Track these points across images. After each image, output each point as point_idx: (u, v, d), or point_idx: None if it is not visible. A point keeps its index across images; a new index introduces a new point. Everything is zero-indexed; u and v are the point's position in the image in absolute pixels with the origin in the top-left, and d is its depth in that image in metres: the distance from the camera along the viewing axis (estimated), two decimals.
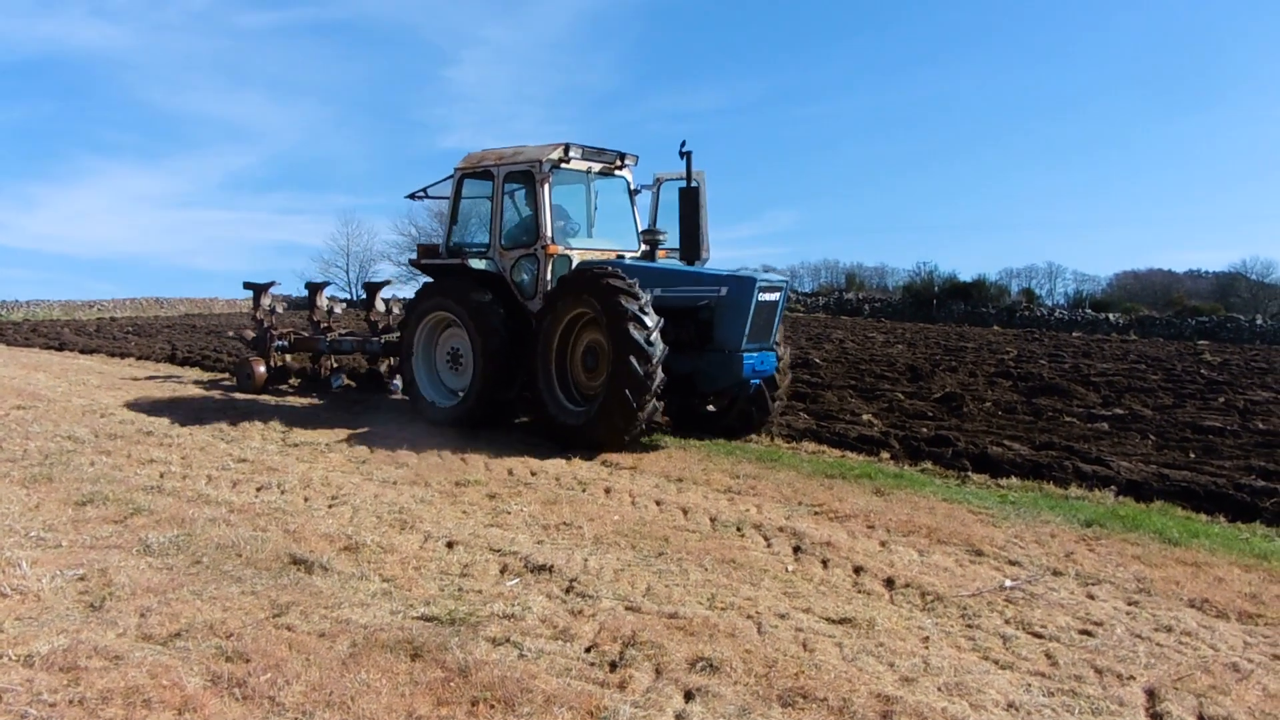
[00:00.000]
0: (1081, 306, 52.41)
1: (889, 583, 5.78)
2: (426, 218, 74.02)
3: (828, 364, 19.66)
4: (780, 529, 6.86)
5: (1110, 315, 45.34)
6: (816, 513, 7.43)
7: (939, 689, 4.16)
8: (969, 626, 5.06)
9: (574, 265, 10.82)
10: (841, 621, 5.01)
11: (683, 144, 10.75)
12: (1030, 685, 4.28)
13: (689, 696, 3.98)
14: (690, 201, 10.87)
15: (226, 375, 17.63)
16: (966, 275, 58.10)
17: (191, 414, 12.10)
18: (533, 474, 8.72)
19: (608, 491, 8.06)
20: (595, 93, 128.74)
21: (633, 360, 9.25)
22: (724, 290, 10.00)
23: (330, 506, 7.23)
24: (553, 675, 4.14)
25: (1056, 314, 46.55)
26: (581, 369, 10.32)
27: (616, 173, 11.84)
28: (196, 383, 16.56)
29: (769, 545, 6.54)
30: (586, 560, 5.94)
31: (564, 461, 9.45)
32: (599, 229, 12.07)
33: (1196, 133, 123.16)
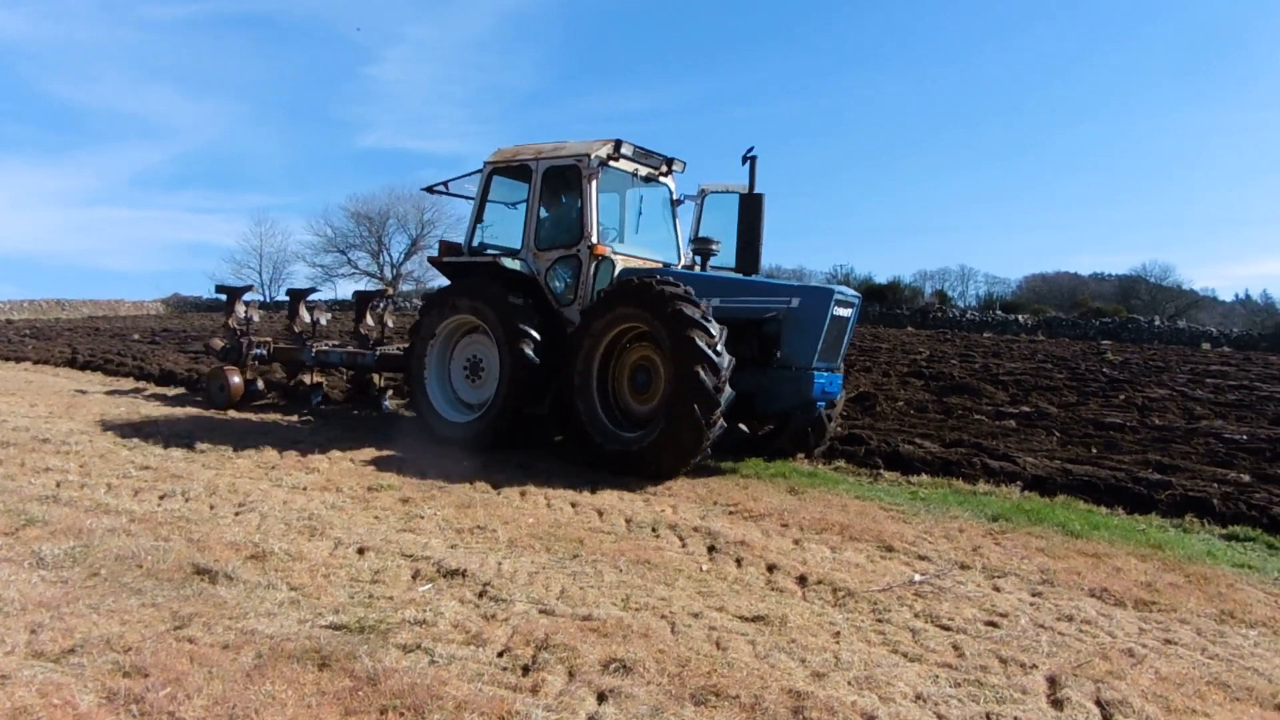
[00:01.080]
0: (992, 308, 53.79)
1: (802, 580, 5.84)
2: (343, 218, 72.86)
3: None
4: (695, 529, 6.89)
5: (1019, 316, 46.62)
6: (731, 512, 7.49)
7: (849, 683, 4.21)
8: (879, 621, 5.15)
9: (617, 272, 10.00)
10: (755, 619, 5.05)
11: (749, 150, 9.78)
12: (938, 676, 4.37)
13: (602, 698, 3.96)
14: (753, 209, 9.86)
15: (132, 380, 16.89)
16: (882, 278, 59.23)
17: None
18: (446, 478, 8.62)
19: (523, 494, 8.01)
20: (518, 93, 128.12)
21: (700, 371, 8.23)
22: (795, 302, 9.13)
23: (237, 514, 7.03)
24: (464, 681, 4.08)
25: (968, 315, 47.68)
26: (629, 389, 9.30)
27: (661, 178, 11.05)
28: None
29: (684, 545, 6.56)
30: (500, 564, 5.88)
31: (479, 465, 9.35)
32: (636, 237, 11.06)
33: (1102, 141, 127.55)
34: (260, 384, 14.13)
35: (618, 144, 10.04)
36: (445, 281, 10.88)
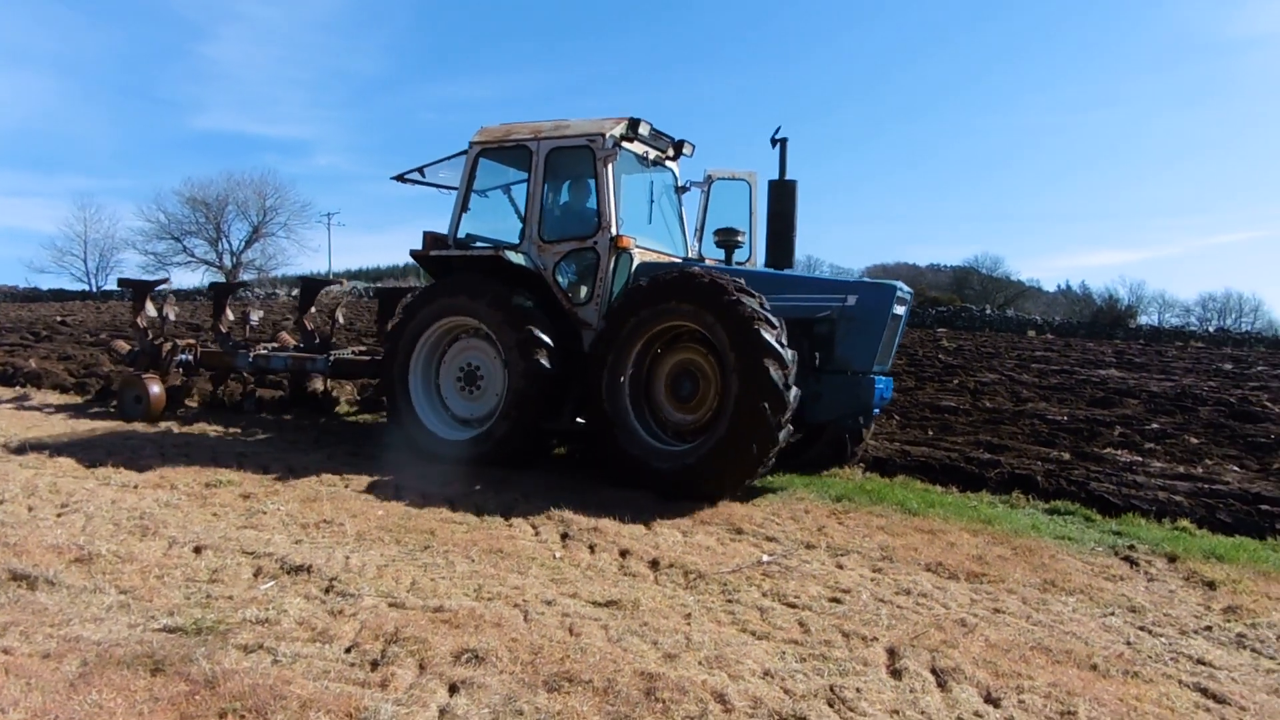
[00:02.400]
0: None
1: (654, 564, 5.91)
2: (177, 204, 69.24)
3: None
4: (548, 517, 6.88)
5: None
6: (583, 501, 7.50)
7: (700, 663, 4.29)
8: (729, 601, 5.26)
9: (634, 267, 8.95)
10: (608, 604, 5.07)
11: (776, 130, 8.97)
12: (785, 653, 4.49)
13: (453, 690, 3.90)
14: (785, 197, 9.00)
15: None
16: None
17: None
18: (291, 470, 8.32)
19: (371, 487, 7.81)
20: (364, 78, 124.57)
21: (769, 366, 7.22)
22: (852, 299, 8.16)
23: (59, 515, 6.59)
24: (309, 679, 3.95)
25: None
26: (670, 398, 8.16)
27: (667, 162, 9.97)
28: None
29: (537, 534, 6.54)
30: (348, 558, 5.72)
31: (324, 457, 9.08)
32: (648, 229, 9.76)
33: (938, 136, 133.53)
34: (193, 393, 12.70)
35: (634, 123, 8.91)
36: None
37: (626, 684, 3.96)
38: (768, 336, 7.30)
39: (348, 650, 4.31)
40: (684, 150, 9.79)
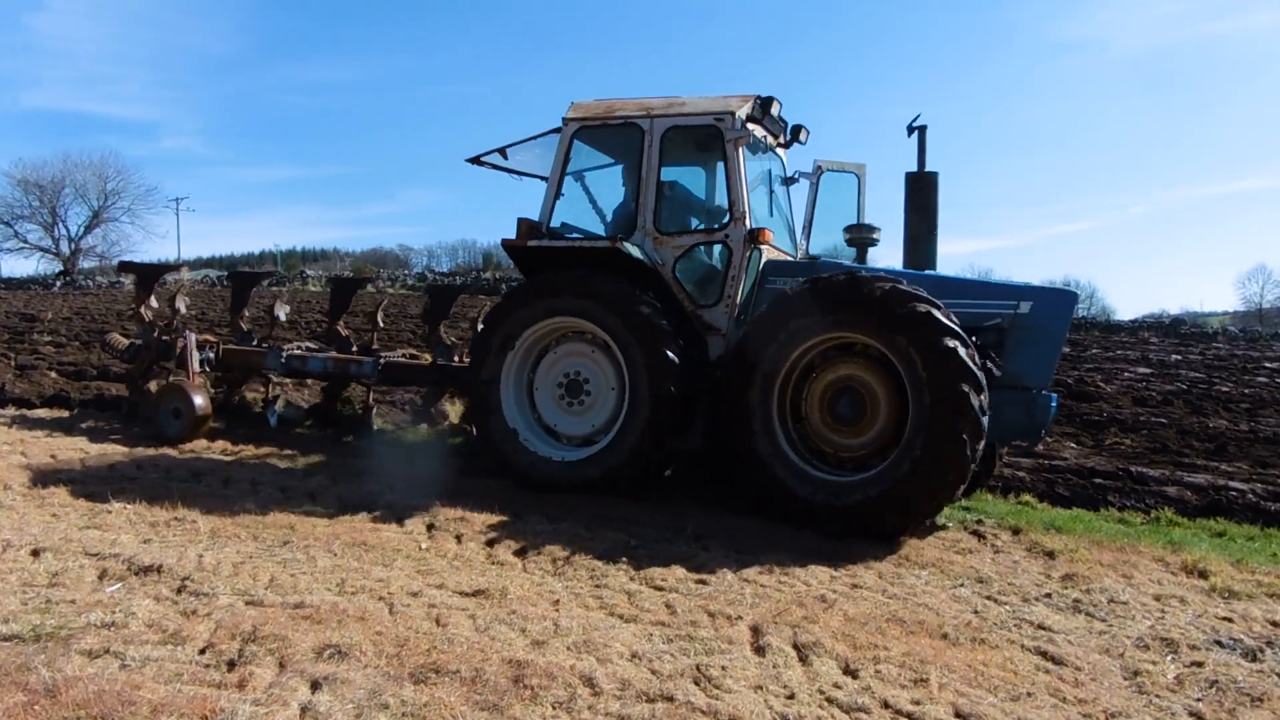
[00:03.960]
0: None
1: (522, 552, 5.90)
2: (7, 186, 64.75)
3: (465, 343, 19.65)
4: (414, 508, 6.77)
5: None
6: (453, 495, 7.40)
7: (569, 648, 4.30)
8: (597, 586, 5.30)
9: (761, 265, 7.90)
10: (475, 594, 5.03)
11: (915, 118, 7.98)
12: (652, 635, 4.56)
13: (315, 686, 3.80)
14: (926, 191, 8.07)
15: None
16: None
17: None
18: (139, 466, 7.93)
19: (226, 481, 7.53)
20: (216, 56, 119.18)
21: (970, 394, 6.32)
22: (1025, 306, 7.20)
23: None
24: (160, 683, 3.78)
25: None
26: (827, 419, 7.04)
27: (776, 150, 8.81)
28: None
29: (402, 525, 6.44)
30: (202, 556, 5.49)
31: (174, 452, 8.70)
32: (769, 222, 8.59)
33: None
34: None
35: (766, 102, 7.87)
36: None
37: (495, 672, 3.94)
38: (966, 358, 6.39)
39: (202, 651, 4.14)
40: (800, 137, 8.68)
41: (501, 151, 8.76)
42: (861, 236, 8.57)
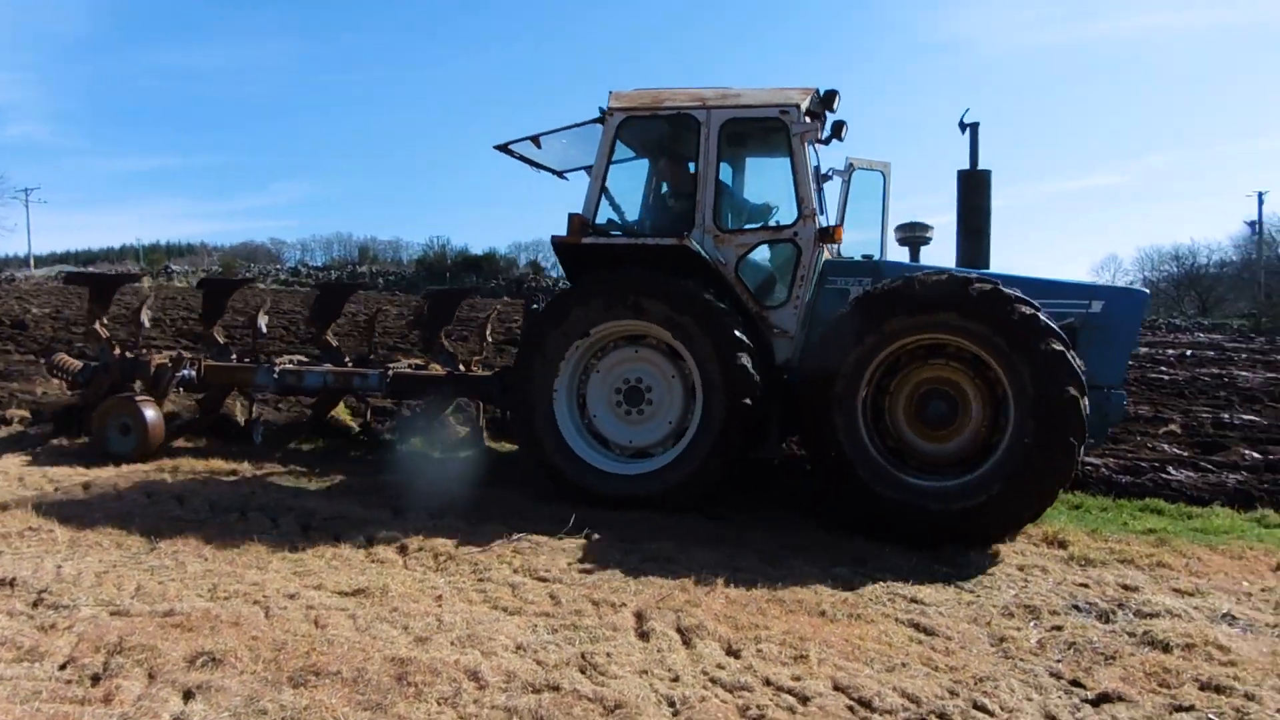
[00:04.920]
0: None
1: (402, 549, 5.81)
2: None
3: (342, 335, 19.16)
4: (288, 508, 6.59)
5: None
6: (328, 488, 7.24)
7: (453, 643, 4.26)
8: (481, 580, 5.27)
9: (821, 264, 7.56)
10: (355, 593, 4.94)
11: (965, 112, 7.78)
12: (537, 626, 4.55)
13: (189, 696, 3.67)
14: (978, 189, 7.86)
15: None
16: (478, 249, 60.24)
17: None
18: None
19: (86, 487, 7.18)
20: (64, 38, 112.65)
21: (1075, 395, 6.11)
22: (1097, 306, 7.06)
23: None
24: (16, 703, 3.58)
25: (560, 284, 49.63)
26: (913, 423, 6.77)
27: (817, 145, 8.04)
28: None
29: (276, 526, 6.26)
30: (60, 567, 5.22)
31: (25, 457, 8.25)
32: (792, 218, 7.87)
33: None
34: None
35: (830, 96, 7.55)
36: None
37: (377, 671, 3.88)
38: (1072, 361, 6.18)
39: (63, 667, 3.95)
40: (840, 134, 8.01)
41: (534, 140, 8.08)
42: (915, 235, 8.33)
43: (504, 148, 8.11)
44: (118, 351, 9.05)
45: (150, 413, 8.46)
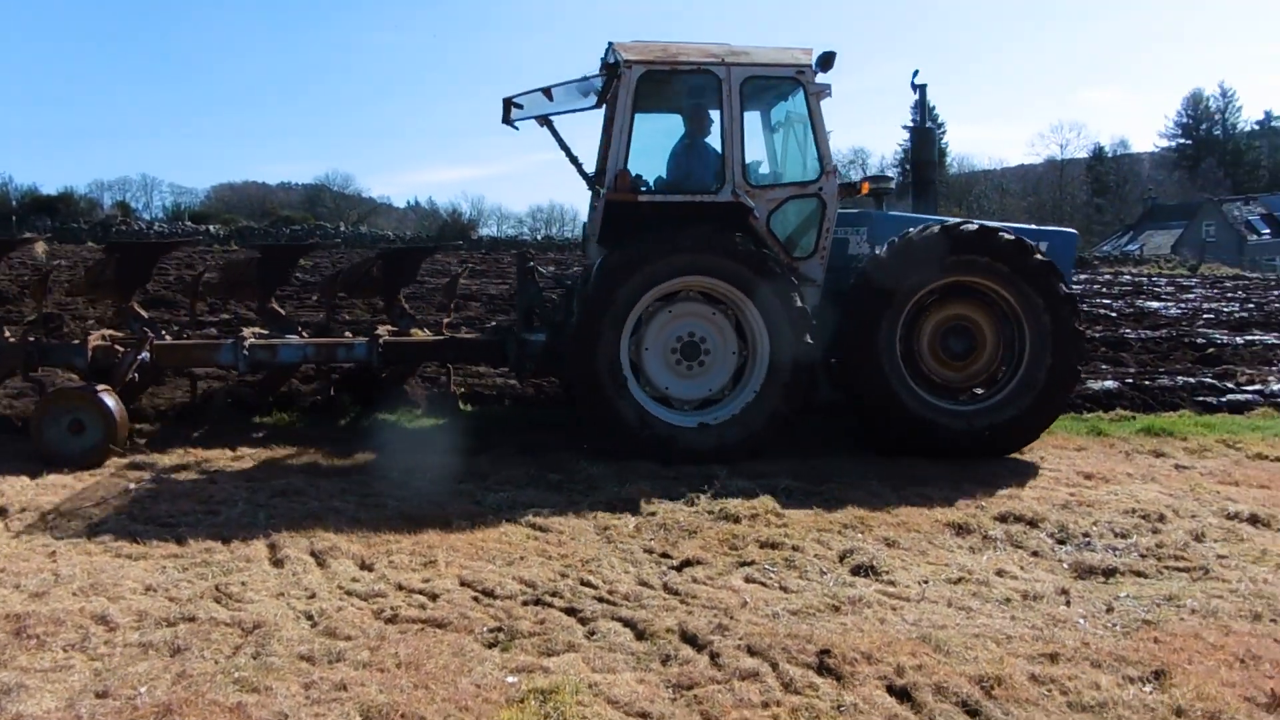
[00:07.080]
0: (181, 219, 52.14)
1: (3, 511, 5.47)
2: None
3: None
4: None
5: (211, 227, 45.97)
6: None
7: (74, 594, 4.22)
8: (96, 532, 5.11)
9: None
10: None
11: (915, 74, 8.42)
12: (165, 567, 4.60)
13: None
14: (927, 144, 8.87)
15: None
16: (51, 188, 53.45)
17: None
18: None
19: None
20: None
21: (1081, 329, 7.64)
22: (1044, 245, 7.80)
23: None
24: None
25: (156, 227, 45.54)
26: (937, 355, 7.61)
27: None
28: None
29: None
30: None
31: None
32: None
33: (293, 52, 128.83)
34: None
35: (828, 57, 7.64)
36: None
37: None
38: (1077, 302, 7.62)
39: None
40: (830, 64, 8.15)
41: (546, 92, 7.86)
42: (879, 186, 8.74)
43: (510, 101, 7.80)
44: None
45: (110, 401, 6.80)
